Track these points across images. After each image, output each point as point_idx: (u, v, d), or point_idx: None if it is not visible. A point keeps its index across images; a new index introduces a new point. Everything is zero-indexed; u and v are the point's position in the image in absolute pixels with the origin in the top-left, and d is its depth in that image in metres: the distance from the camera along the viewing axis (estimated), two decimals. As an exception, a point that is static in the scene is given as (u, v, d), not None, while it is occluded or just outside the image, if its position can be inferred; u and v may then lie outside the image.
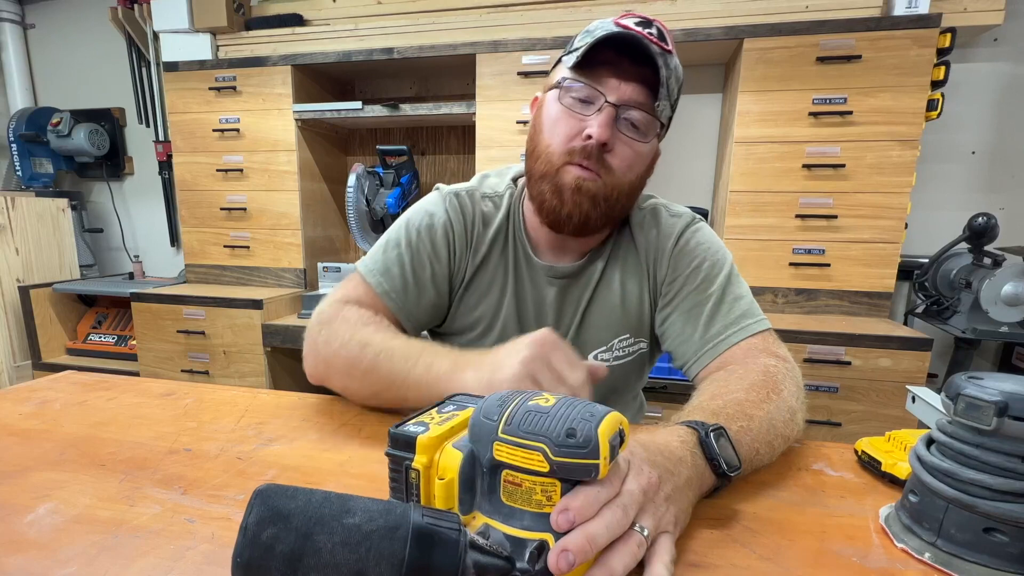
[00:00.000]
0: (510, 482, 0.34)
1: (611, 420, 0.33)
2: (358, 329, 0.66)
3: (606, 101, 0.64)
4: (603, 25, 0.66)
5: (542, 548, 0.33)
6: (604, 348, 0.78)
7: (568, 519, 0.32)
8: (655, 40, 0.63)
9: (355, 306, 0.72)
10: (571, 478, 0.33)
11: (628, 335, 0.78)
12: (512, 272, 0.78)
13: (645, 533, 0.36)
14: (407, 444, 0.38)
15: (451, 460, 0.37)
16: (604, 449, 0.32)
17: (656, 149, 0.71)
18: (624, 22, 0.64)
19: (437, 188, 0.80)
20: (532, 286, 0.78)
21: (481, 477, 0.36)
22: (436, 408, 0.43)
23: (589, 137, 0.63)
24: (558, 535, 0.34)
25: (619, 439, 0.34)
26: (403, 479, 0.38)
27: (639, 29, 0.63)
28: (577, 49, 0.66)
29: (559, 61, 0.71)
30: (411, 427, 0.39)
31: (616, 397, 0.84)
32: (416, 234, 0.76)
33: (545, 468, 0.33)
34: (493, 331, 0.79)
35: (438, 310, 0.79)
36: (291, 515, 0.29)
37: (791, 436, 0.56)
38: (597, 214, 0.68)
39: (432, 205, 0.78)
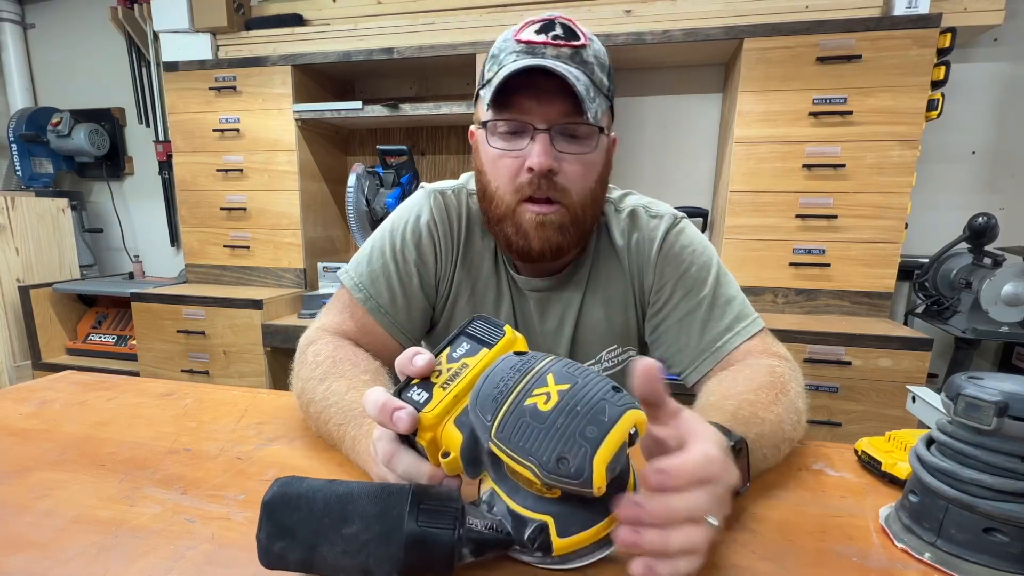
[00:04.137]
0: (512, 468, 0.34)
1: (614, 439, 0.30)
2: (311, 380, 0.61)
3: (535, 128, 0.61)
4: (505, 46, 0.63)
5: (542, 530, 0.33)
6: (593, 361, 0.77)
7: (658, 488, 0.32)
8: (562, 42, 0.60)
9: (327, 337, 0.68)
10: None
11: (615, 346, 0.77)
12: (505, 282, 0.76)
13: (715, 523, 0.34)
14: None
15: (453, 439, 0.36)
16: (599, 480, 0.30)
17: (608, 142, 0.68)
18: (524, 36, 0.61)
19: (422, 187, 0.77)
20: (518, 297, 0.77)
21: (486, 452, 0.36)
22: (448, 350, 0.40)
23: (531, 169, 0.61)
24: (563, 512, 0.33)
25: (627, 446, 0.32)
26: (410, 442, 0.38)
27: (541, 38, 0.60)
28: (489, 82, 0.62)
29: (478, 95, 0.67)
30: (415, 393, 0.38)
31: None
32: (401, 240, 0.73)
33: (537, 483, 0.32)
34: None
35: (429, 315, 0.77)
36: (295, 528, 0.32)
37: (796, 438, 0.56)
38: (568, 240, 0.66)
39: (416, 206, 0.75)
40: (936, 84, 1.52)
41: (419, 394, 0.37)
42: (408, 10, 1.96)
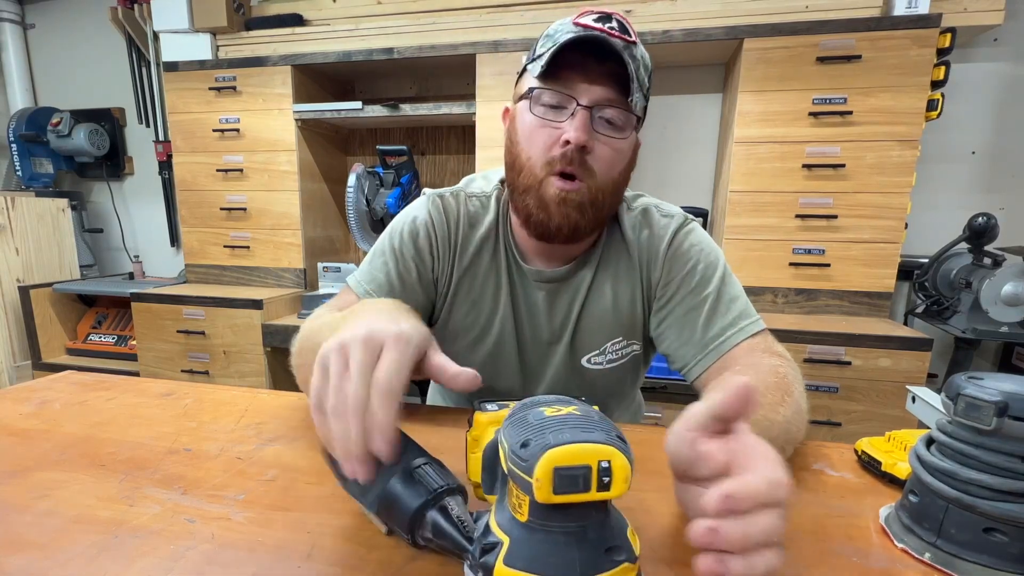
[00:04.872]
0: (507, 478, 0.34)
1: (578, 450, 0.29)
2: (319, 318, 0.65)
3: (578, 104, 0.63)
4: (562, 27, 0.65)
5: (493, 548, 0.32)
6: (597, 352, 0.78)
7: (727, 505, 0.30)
8: (617, 34, 0.62)
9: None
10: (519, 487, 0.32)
11: (620, 338, 0.78)
12: (505, 274, 0.77)
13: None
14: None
15: (486, 441, 0.38)
16: (540, 472, 0.29)
17: (636, 141, 0.70)
18: (583, 20, 0.63)
19: (424, 193, 0.79)
20: (523, 289, 0.78)
21: (501, 469, 0.36)
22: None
23: (568, 143, 0.62)
24: (520, 539, 0.32)
25: (589, 476, 0.29)
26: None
27: (599, 26, 0.62)
28: (540, 56, 0.64)
29: (524, 70, 0.70)
30: (491, 405, 0.42)
31: (613, 400, 0.84)
32: (399, 239, 0.75)
33: (515, 491, 0.32)
34: (490, 334, 0.78)
35: (428, 311, 0.79)
36: None
37: (799, 439, 0.56)
38: (586, 221, 0.67)
39: (415, 209, 0.78)
40: (936, 84, 1.52)
41: (500, 406, 0.42)
42: (408, 10, 1.96)
